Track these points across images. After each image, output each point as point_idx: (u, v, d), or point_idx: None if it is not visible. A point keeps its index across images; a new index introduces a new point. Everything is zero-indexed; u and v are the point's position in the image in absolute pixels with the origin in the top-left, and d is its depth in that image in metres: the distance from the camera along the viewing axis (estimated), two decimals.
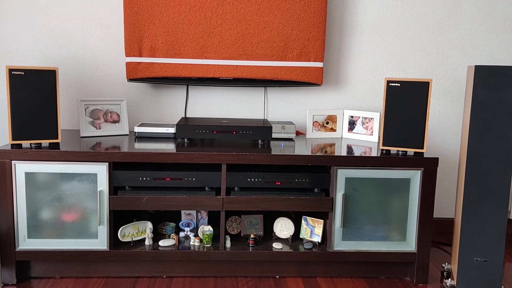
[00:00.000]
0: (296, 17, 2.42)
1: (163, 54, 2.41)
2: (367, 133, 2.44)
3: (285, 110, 2.66)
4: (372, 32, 2.62)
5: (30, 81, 1.94)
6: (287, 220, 2.22)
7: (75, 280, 2.06)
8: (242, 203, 2.06)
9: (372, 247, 2.11)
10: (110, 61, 2.54)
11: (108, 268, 2.09)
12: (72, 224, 2.01)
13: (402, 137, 2.07)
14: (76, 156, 1.96)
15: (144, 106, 2.60)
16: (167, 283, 2.06)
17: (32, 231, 1.99)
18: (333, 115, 2.52)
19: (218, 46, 2.42)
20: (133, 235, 2.11)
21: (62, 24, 2.49)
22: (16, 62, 2.50)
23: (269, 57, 2.45)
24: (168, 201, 2.03)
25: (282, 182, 2.09)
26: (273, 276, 2.15)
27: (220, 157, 2.02)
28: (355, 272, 2.18)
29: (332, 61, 2.63)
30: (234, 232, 2.25)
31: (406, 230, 2.12)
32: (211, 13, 2.39)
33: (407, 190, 2.09)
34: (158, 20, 2.37)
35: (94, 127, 2.35)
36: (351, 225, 2.10)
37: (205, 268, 2.13)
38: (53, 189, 1.98)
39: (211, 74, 2.44)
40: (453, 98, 2.71)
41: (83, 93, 2.56)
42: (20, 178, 1.95)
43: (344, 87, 2.66)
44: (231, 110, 2.64)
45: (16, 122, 1.93)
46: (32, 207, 1.98)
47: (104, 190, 1.99)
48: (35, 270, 2.07)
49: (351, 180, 2.07)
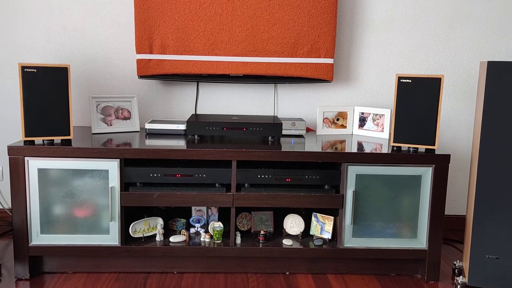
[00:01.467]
0: (307, 13, 2.41)
1: (173, 51, 2.42)
2: (377, 130, 2.43)
3: (295, 107, 2.66)
4: (383, 28, 2.60)
5: (43, 78, 1.96)
6: (297, 216, 2.22)
7: (87, 275, 2.08)
8: (252, 200, 2.06)
9: (382, 244, 2.11)
10: (121, 58, 2.55)
11: (119, 263, 2.11)
12: (84, 220, 2.03)
13: (413, 133, 2.05)
14: (88, 153, 1.97)
15: (155, 103, 2.61)
16: (177, 278, 2.07)
17: (45, 227, 2.02)
18: (344, 111, 2.51)
19: (228, 43, 2.42)
20: (144, 231, 2.12)
21: (74, 22, 2.51)
22: (29, 59, 2.53)
23: (279, 54, 2.44)
24: (179, 197, 2.04)
25: (292, 179, 2.09)
26: (283, 273, 2.16)
27: (230, 154, 2.02)
28: (365, 269, 2.18)
29: (342, 57, 2.62)
30: (244, 228, 2.26)
31: (417, 227, 2.10)
32: (221, 10, 2.39)
33: (418, 187, 2.08)
34: (168, 17, 2.38)
35: (105, 123, 2.36)
36: (361, 222, 2.09)
37: (216, 264, 2.14)
38: (66, 185, 2.00)
39: (221, 70, 2.45)
40: (465, 94, 2.68)
41: (95, 90, 2.58)
42: (33, 174, 1.98)
43: (355, 84, 2.65)
44: (241, 106, 2.65)
45: (29, 119, 1.96)
46: (45, 203, 2.00)
47: (115, 186, 2.01)
48: (48, 265, 2.10)
49: (361, 177, 2.06)
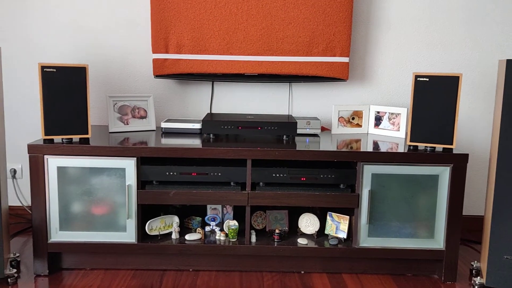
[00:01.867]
0: (322, 12, 2.40)
1: (189, 51, 2.43)
2: (393, 129, 2.41)
3: (310, 106, 2.65)
4: (399, 26, 2.58)
5: (62, 78, 1.99)
6: (312, 216, 2.22)
7: (105, 271, 2.11)
8: (267, 199, 2.07)
9: (399, 244, 2.09)
10: (137, 58, 2.58)
11: (136, 260, 2.14)
12: (101, 217, 2.06)
13: (430, 132, 2.03)
14: (106, 151, 2.00)
15: (171, 102, 2.63)
16: (193, 276, 2.09)
17: (63, 224, 2.05)
18: (359, 110, 2.49)
19: (243, 42, 2.43)
20: (160, 229, 2.14)
21: (91, 22, 2.55)
22: (48, 59, 2.58)
23: (294, 53, 2.44)
24: (194, 196, 2.06)
25: (307, 178, 2.09)
26: (298, 272, 2.16)
27: (246, 153, 2.03)
28: (381, 268, 2.16)
29: (358, 56, 2.61)
30: (259, 227, 2.26)
31: (434, 227, 2.08)
32: (236, 9, 2.40)
33: (436, 187, 2.05)
34: (184, 17, 2.40)
35: (122, 122, 2.39)
36: (377, 222, 2.08)
37: (231, 262, 2.15)
38: (84, 183, 2.04)
39: (236, 70, 2.45)
40: (484, 93, 2.64)
41: (112, 90, 2.61)
42: (52, 172, 2.01)
43: (370, 82, 2.63)
44: (256, 106, 2.65)
45: (48, 117, 1.99)
46: (63, 200, 2.04)
47: (132, 185, 2.03)
48: (66, 261, 2.13)
49: (377, 176, 2.05)
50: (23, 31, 2.55)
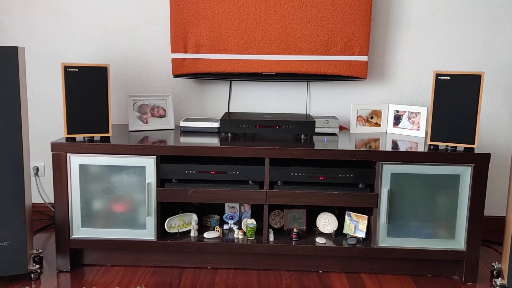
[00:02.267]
0: (340, 10, 2.39)
1: (207, 50, 2.45)
2: (413, 128, 2.39)
3: (328, 105, 2.64)
4: (419, 24, 2.55)
5: (84, 77, 2.03)
6: (331, 215, 2.21)
7: (125, 268, 2.14)
8: (285, 197, 2.07)
9: (418, 244, 2.07)
10: (156, 58, 2.61)
11: (155, 257, 2.16)
12: (121, 215, 2.09)
13: (451, 132, 2.00)
14: (126, 150, 2.03)
15: (189, 101, 2.66)
16: (211, 274, 2.10)
17: (85, 221, 2.09)
18: (378, 109, 2.48)
19: (261, 41, 2.43)
20: (179, 227, 2.17)
21: (112, 23, 2.59)
22: (70, 59, 2.62)
23: (312, 52, 2.44)
24: (213, 194, 2.07)
25: (326, 177, 2.08)
26: (316, 271, 2.16)
27: (264, 152, 2.04)
28: (400, 269, 2.15)
29: (377, 54, 2.59)
30: (277, 226, 2.26)
31: (455, 228, 2.06)
32: (254, 9, 2.40)
33: (457, 187, 2.03)
34: (202, 17, 2.42)
35: (141, 121, 2.42)
36: (396, 222, 2.06)
37: (249, 260, 2.16)
38: (104, 180, 2.07)
39: (254, 69, 2.46)
40: (505, 92, 2.59)
41: (131, 89, 2.65)
42: (75, 170, 2.05)
43: (389, 81, 2.61)
44: (274, 105, 2.66)
45: (71, 116, 2.03)
46: (85, 198, 2.08)
47: (152, 183, 2.06)
48: (88, 258, 2.17)
49: (397, 175, 2.03)
50: (47, 33, 2.60)
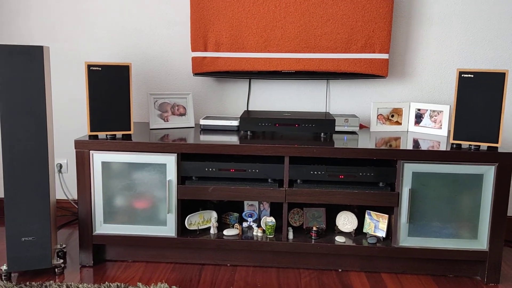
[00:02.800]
0: (361, 8, 2.37)
1: (227, 49, 2.46)
2: (435, 127, 2.36)
3: (347, 103, 2.63)
4: (441, 22, 2.51)
5: (106, 76, 2.06)
6: (350, 214, 2.20)
7: (146, 264, 2.17)
8: (305, 196, 2.07)
9: (440, 244, 2.04)
10: (177, 57, 2.64)
11: (175, 254, 2.19)
12: (142, 211, 2.12)
13: (474, 130, 1.97)
14: (148, 147, 2.06)
15: (209, 99, 2.67)
16: (231, 271, 2.12)
17: (107, 217, 2.13)
18: (399, 108, 2.45)
19: (281, 39, 2.43)
20: (199, 224, 2.19)
21: (133, 22, 2.62)
22: (92, 58, 2.67)
23: (332, 50, 2.43)
24: (233, 192, 2.08)
25: (346, 176, 2.07)
26: (335, 269, 2.15)
27: (283, 150, 2.04)
28: (421, 269, 2.12)
29: (398, 52, 2.56)
30: (296, 224, 2.27)
31: (477, 228, 2.02)
32: (274, 7, 2.40)
33: (479, 187, 1.99)
34: (222, 15, 2.43)
35: (162, 119, 2.45)
36: (417, 221, 2.04)
37: (268, 258, 2.17)
38: (126, 177, 2.10)
39: (273, 67, 2.46)
40: None
41: (152, 87, 2.68)
42: (97, 167, 2.09)
43: (411, 79, 2.58)
44: (293, 103, 2.65)
45: (94, 114, 2.07)
46: (107, 194, 2.11)
47: (172, 180, 2.08)
48: (110, 253, 2.21)
49: (418, 174, 2.01)
50: (70, 32, 2.65)
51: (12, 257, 1.97)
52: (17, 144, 1.91)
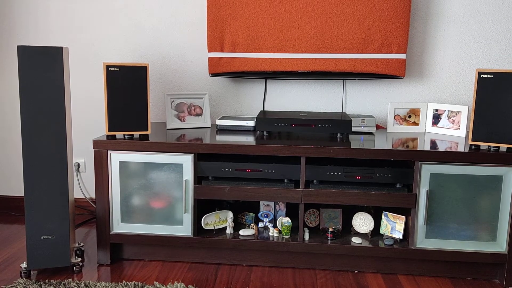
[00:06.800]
0: (378, 8, 2.36)
1: (243, 49, 2.47)
2: (453, 128, 2.33)
3: (364, 103, 2.61)
4: (460, 21, 2.49)
5: (124, 76, 2.08)
6: (367, 215, 2.19)
7: (162, 263, 2.19)
8: (321, 196, 2.06)
9: (458, 246, 2.02)
10: (193, 57, 2.65)
11: (192, 253, 2.20)
12: (159, 211, 2.14)
13: (494, 131, 1.95)
14: (164, 147, 2.07)
15: (225, 99, 2.68)
16: (247, 271, 2.12)
17: (124, 216, 2.15)
18: (416, 108, 2.43)
19: (298, 40, 2.43)
20: (215, 224, 2.20)
21: (150, 23, 2.64)
22: (109, 59, 2.70)
23: (349, 50, 2.41)
24: (249, 192, 2.09)
25: (363, 177, 2.06)
26: (351, 271, 2.14)
27: (300, 150, 2.04)
28: (439, 271, 2.10)
29: (415, 52, 2.54)
30: (312, 225, 2.26)
31: (496, 230, 2.00)
32: (291, 7, 2.40)
33: (499, 188, 1.97)
34: (239, 16, 2.43)
35: (178, 119, 2.47)
36: (435, 223, 2.02)
37: (284, 259, 2.17)
38: (143, 177, 2.12)
39: (289, 67, 2.46)
40: None
41: (168, 88, 2.70)
42: (115, 166, 2.11)
43: (428, 80, 2.55)
44: (309, 103, 2.65)
45: (112, 114, 2.09)
46: (124, 194, 2.13)
47: (189, 180, 2.09)
48: (127, 252, 2.23)
49: (436, 176, 1.99)
50: (89, 33, 2.68)
51: (32, 255, 2.00)
52: (37, 143, 1.94)
